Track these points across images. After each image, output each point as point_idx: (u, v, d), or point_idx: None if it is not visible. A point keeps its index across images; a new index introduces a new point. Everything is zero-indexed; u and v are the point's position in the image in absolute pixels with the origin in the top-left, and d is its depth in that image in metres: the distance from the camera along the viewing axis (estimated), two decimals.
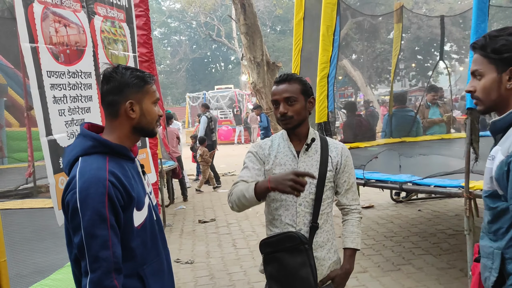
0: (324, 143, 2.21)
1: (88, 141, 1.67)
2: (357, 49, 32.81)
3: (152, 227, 1.81)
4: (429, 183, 3.43)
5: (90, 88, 2.25)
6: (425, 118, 7.48)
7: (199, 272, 4.94)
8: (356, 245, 2.19)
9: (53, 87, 1.98)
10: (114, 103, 1.70)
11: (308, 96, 2.15)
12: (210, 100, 24.55)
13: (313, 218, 2.12)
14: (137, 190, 1.71)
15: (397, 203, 7.60)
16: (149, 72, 3.04)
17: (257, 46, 11.20)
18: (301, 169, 2.13)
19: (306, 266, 2.07)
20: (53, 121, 1.97)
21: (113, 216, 1.59)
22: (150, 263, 1.78)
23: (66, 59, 2.07)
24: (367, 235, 5.91)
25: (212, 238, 6.22)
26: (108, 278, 1.55)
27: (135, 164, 1.81)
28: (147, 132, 1.83)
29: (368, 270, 4.71)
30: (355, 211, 2.24)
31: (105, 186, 1.56)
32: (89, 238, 1.55)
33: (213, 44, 44.98)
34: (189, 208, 8.22)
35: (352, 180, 2.22)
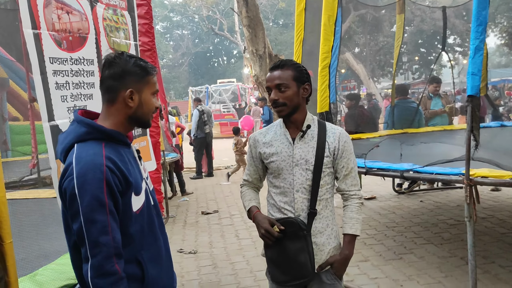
0: (322, 129, 2.20)
1: (83, 128, 1.65)
2: (359, 42, 32.71)
3: (149, 212, 1.81)
4: (430, 171, 3.45)
5: (92, 75, 2.27)
6: (427, 109, 7.47)
7: (202, 262, 4.98)
8: (355, 230, 2.17)
9: (56, 73, 2.00)
10: (113, 89, 1.69)
11: (302, 83, 2.14)
12: (212, 94, 24.56)
13: (310, 204, 2.14)
14: (134, 175, 1.70)
15: (399, 194, 7.61)
16: (151, 61, 3.09)
17: (259, 38, 11.18)
18: (296, 156, 2.15)
19: (304, 251, 2.10)
20: (56, 107, 1.99)
21: (112, 201, 1.58)
22: (147, 248, 1.77)
23: (69, 45, 2.09)
24: (368, 225, 5.93)
25: (215, 229, 6.26)
26: (109, 263, 1.55)
27: (131, 149, 1.81)
28: (142, 123, 1.82)
29: (369, 259, 4.74)
30: (354, 196, 2.21)
31: (102, 172, 1.55)
32: (89, 224, 1.54)
33: (215, 38, 44.92)
34: (192, 200, 8.26)
35: (351, 165, 2.20)
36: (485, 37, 3.07)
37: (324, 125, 2.23)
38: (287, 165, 2.17)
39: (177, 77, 44.76)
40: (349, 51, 28.00)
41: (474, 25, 2.94)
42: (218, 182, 9.86)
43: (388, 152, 4.37)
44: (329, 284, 2.18)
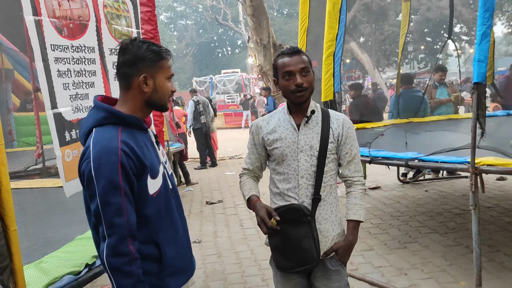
0: (325, 115, 2.19)
1: (101, 113, 1.71)
2: (365, 31, 32.46)
3: (167, 196, 1.85)
4: (435, 160, 3.42)
5: (94, 63, 2.26)
6: (433, 99, 7.41)
7: (206, 251, 5.00)
8: (358, 216, 2.15)
9: (57, 60, 1.99)
10: (127, 75, 1.73)
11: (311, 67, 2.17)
12: (217, 84, 24.51)
13: (315, 190, 2.13)
14: (150, 159, 1.74)
15: (403, 184, 7.59)
16: None
17: (263, 28, 11.14)
18: (301, 142, 2.14)
19: (309, 237, 2.09)
20: (58, 95, 1.98)
21: (127, 184, 1.63)
22: (165, 230, 1.81)
23: (70, 33, 2.08)
24: (373, 215, 5.93)
25: (220, 219, 6.28)
26: (123, 244, 1.61)
27: (148, 134, 1.85)
28: (158, 107, 1.84)
29: (374, 248, 4.74)
30: (357, 183, 2.20)
31: (117, 155, 1.60)
32: (105, 205, 1.60)
33: (219, 28, 44.76)
34: (196, 190, 8.28)
35: (354, 151, 2.19)
36: (492, 23, 3.02)
37: (328, 112, 2.22)
38: (292, 151, 2.16)
39: (182, 68, 44.70)
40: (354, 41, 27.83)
41: (481, 10, 2.90)
42: (223, 172, 9.87)
43: (393, 141, 4.34)
44: (334, 271, 2.17)
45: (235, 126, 21.58)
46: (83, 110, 2.17)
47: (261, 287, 3.95)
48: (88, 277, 2.15)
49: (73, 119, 2.10)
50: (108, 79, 2.36)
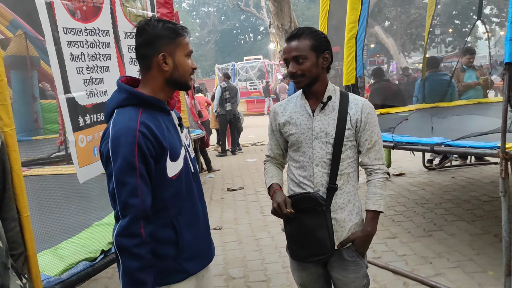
0: (344, 100, 2.07)
1: (122, 94, 1.71)
2: (390, 15, 31.70)
3: (188, 179, 1.84)
4: (462, 145, 3.28)
5: (108, 47, 2.21)
6: (460, 82, 7.17)
7: (227, 238, 4.98)
8: (378, 206, 2.05)
9: (70, 44, 1.95)
10: (146, 56, 1.72)
11: (321, 52, 2.02)
12: (239, 71, 24.41)
13: (330, 179, 2.05)
14: (171, 141, 1.73)
15: (429, 171, 7.40)
16: None
17: (285, 13, 10.95)
18: (316, 129, 2.06)
19: (323, 228, 2.03)
20: (71, 79, 1.95)
21: (143, 165, 1.62)
22: (185, 213, 1.81)
23: (83, 16, 2.03)
24: (397, 202, 5.80)
25: (240, 206, 6.25)
26: (136, 225, 1.60)
27: (170, 117, 1.83)
28: (180, 85, 1.83)
29: (397, 236, 4.63)
30: (378, 171, 2.08)
31: (134, 136, 1.59)
32: (120, 185, 1.59)
33: (241, 14, 44.49)
34: (218, 177, 8.28)
35: (374, 138, 2.07)
36: None
37: (347, 96, 2.10)
38: (306, 138, 2.08)
39: (204, 55, 44.71)
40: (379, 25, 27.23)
41: None
42: (245, 159, 9.84)
43: (417, 126, 4.19)
44: (351, 261, 2.10)
45: (258, 113, 21.49)
46: (98, 95, 2.13)
47: (281, 274, 3.91)
48: (104, 263, 2.14)
49: (87, 104, 2.06)
50: (124, 63, 2.32)
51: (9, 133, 1.61)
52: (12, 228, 1.64)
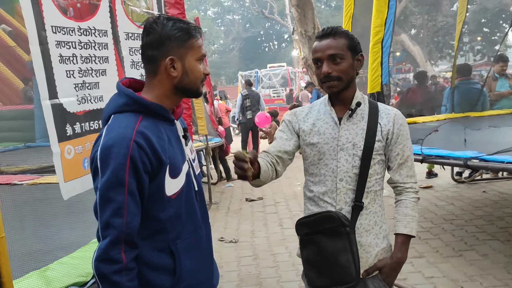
0: (373, 109, 1.86)
1: (122, 98, 1.51)
2: (416, 23, 31.09)
3: (189, 198, 1.62)
4: (500, 160, 2.96)
5: (106, 48, 2.02)
6: (492, 91, 6.79)
7: (242, 252, 4.74)
8: (410, 230, 1.81)
9: (60, 44, 1.76)
10: (153, 58, 1.50)
11: (356, 53, 1.81)
12: (262, 79, 24.24)
13: (356, 196, 1.80)
14: (171, 155, 1.51)
15: (458, 184, 7.01)
16: None
17: (308, 19, 10.71)
18: (342, 139, 1.82)
19: (347, 252, 1.77)
20: (59, 83, 1.75)
21: (135, 181, 1.41)
22: (185, 237, 1.59)
23: (77, 14, 1.85)
24: (424, 218, 5.45)
25: (258, 217, 6.01)
26: (115, 249, 1.40)
27: (174, 127, 1.60)
28: (190, 92, 1.60)
29: (424, 255, 4.31)
30: (410, 190, 1.86)
31: (128, 147, 1.39)
32: (104, 202, 1.40)
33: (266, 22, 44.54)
34: (237, 186, 8.05)
35: (407, 153, 1.85)
36: None
37: (376, 105, 1.88)
38: (331, 148, 1.83)
39: (228, 63, 44.85)
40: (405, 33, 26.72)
41: None
42: None
43: (448, 138, 3.88)
44: None
45: None
46: (92, 100, 1.93)
47: None
48: None
49: (77, 110, 1.86)
50: (123, 66, 2.11)
51: None
52: None
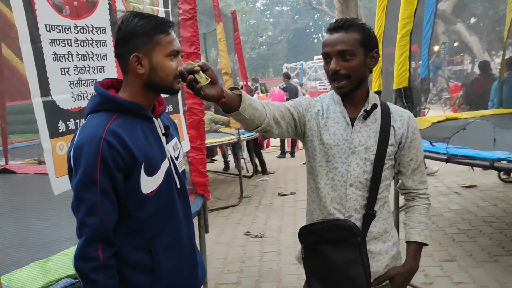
0: (385, 110, 1.73)
1: (97, 98, 1.52)
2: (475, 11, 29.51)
3: (169, 196, 1.60)
4: None
5: (104, 46, 2.03)
6: None
7: (267, 247, 4.71)
8: (424, 238, 1.74)
9: (54, 42, 1.79)
10: (122, 56, 1.51)
11: (370, 50, 1.65)
12: (307, 71, 23.97)
13: (368, 203, 1.68)
14: (148, 153, 1.50)
15: (505, 184, 6.60)
16: (192, 30, 2.81)
17: (351, 10, 10.42)
18: (355, 141, 1.68)
19: (358, 263, 1.65)
20: (52, 80, 1.78)
21: (107, 179, 1.41)
22: (164, 236, 1.58)
23: (73, 12, 1.87)
24: (462, 219, 5.19)
25: (288, 212, 5.95)
26: (91, 247, 1.41)
27: (153, 125, 1.58)
28: (162, 89, 1.56)
29: (456, 259, 4.09)
30: (423, 196, 1.79)
31: (98, 145, 1.39)
32: (78, 201, 1.42)
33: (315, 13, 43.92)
34: (271, 180, 8.02)
35: (420, 157, 1.77)
36: None
37: (388, 107, 1.75)
38: (341, 151, 1.68)
39: (275, 54, 44.68)
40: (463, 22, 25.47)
41: None
42: (302, 162, 9.47)
43: (479, 137, 3.64)
44: None
45: None
46: (88, 97, 1.96)
47: None
48: None
49: (72, 107, 1.89)
50: None
51: None
52: None
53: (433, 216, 5.32)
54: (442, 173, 7.39)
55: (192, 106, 2.81)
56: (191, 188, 3.05)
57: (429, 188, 1.87)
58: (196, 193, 3.02)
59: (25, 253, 2.25)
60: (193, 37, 2.69)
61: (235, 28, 7.68)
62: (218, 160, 10.11)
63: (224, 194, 7.15)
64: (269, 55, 43.38)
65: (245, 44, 41.23)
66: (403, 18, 3.54)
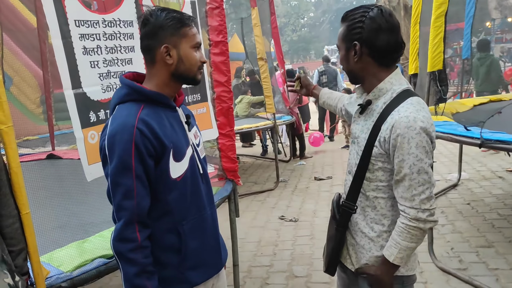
0: (390, 107, 1.60)
1: (123, 89, 1.63)
2: None
3: (194, 181, 1.71)
4: None
5: (131, 38, 2.12)
6: None
7: (300, 231, 4.77)
8: (388, 255, 1.61)
9: (83, 37, 1.89)
10: (150, 48, 1.62)
11: (350, 43, 1.63)
12: None
13: (347, 195, 1.75)
14: (174, 140, 1.61)
15: None
16: (219, 19, 2.85)
17: None
18: (353, 132, 1.79)
19: (332, 241, 1.83)
20: (83, 73, 1.89)
21: (141, 165, 1.52)
22: (190, 218, 1.69)
23: (101, 7, 1.97)
24: (503, 204, 5.03)
25: (323, 197, 5.96)
26: (129, 229, 1.51)
27: (176, 113, 1.70)
28: (187, 79, 1.69)
29: (494, 245, 4.00)
30: (403, 214, 1.57)
31: (131, 133, 1.50)
32: (114, 186, 1.52)
33: None
34: (309, 164, 8.02)
35: (404, 170, 1.53)
36: None
37: (397, 104, 1.59)
38: (352, 137, 1.82)
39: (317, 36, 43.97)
40: None
41: None
42: (341, 146, 9.40)
43: None
44: None
45: None
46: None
47: None
48: None
49: (102, 98, 2.00)
50: None
51: (5, 130, 1.60)
52: (10, 225, 1.64)
53: (473, 202, 5.19)
54: (487, 156, 7.15)
55: (221, 94, 2.88)
56: (221, 173, 3.14)
57: (471, 172, 1.80)
58: (227, 179, 3.11)
59: (66, 234, 2.41)
60: (221, 26, 2.74)
61: (272, 12, 7.64)
62: (257, 144, 10.20)
63: (260, 178, 7.24)
64: (311, 37, 42.76)
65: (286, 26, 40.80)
66: None
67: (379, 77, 1.66)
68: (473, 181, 5.96)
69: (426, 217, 1.54)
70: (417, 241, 1.58)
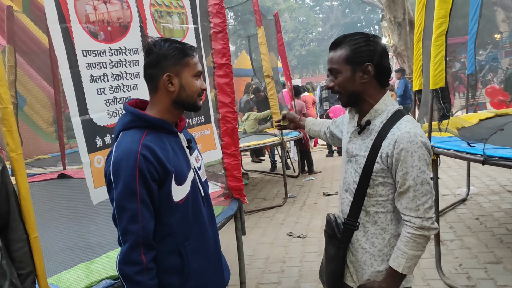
0: (388, 125, 1.69)
1: (128, 116, 1.70)
2: None
3: (196, 203, 1.78)
4: None
5: (137, 65, 2.20)
6: None
7: (308, 248, 4.78)
8: (396, 265, 1.68)
9: (90, 66, 1.98)
10: (153, 76, 1.70)
11: (357, 65, 1.70)
12: None
13: (349, 213, 1.79)
14: (176, 164, 1.68)
15: None
16: (223, 43, 2.94)
17: (398, 4, 10.20)
18: (349, 151, 1.83)
19: (335, 261, 1.85)
20: (90, 101, 1.97)
21: (145, 189, 1.58)
22: (192, 240, 1.75)
23: (107, 36, 2.05)
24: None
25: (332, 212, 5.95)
26: (135, 252, 1.57)
27: (178, 139, 1.78)
28: (188, 106, 1.77)
29: (503, 261, 3.97)
30: (408, 224, 1.66)
31: (136, 159, 1.56)
32: (120, 211, 1.57)
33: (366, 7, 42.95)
34: (317, 179, 8.04)
35: (408, 182, 1.63)
36: None
37: (395, 122, 1.69)
38: (344, 156, 1.88)
39: (326, 51, 44.05)
40: None
41: None
42: None
43: None
44: None
45: None
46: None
47: None
48: None
49: (108, 124, 2.08)
50: None
51: (16, 158, 1.67)
52: (19, 249, 1.71)
53: (482, 216, 5.16)
54: (495, 170, 7.10)
55: (225, 115, 2.94)
56: (227, 192, 3.19)
57: (480, 186, 1.84)
58: (232, 197, 3.16)
59: (73, 255, 2.47)
60: (224, 49, 2.82)
61: (278, 30, 7.76)
62: (266, 160, 10.25)
63: (269, 194, 7.27)
64: (319, 51, 42.92)
65: (294, 41, 41.06)
66: (438, 17, 3.48)
67: (376, 98, 1.76)
68: (482, 196, 5.93)
69: (430, 225, 1.65)
70: (422, 249, 1.68)
